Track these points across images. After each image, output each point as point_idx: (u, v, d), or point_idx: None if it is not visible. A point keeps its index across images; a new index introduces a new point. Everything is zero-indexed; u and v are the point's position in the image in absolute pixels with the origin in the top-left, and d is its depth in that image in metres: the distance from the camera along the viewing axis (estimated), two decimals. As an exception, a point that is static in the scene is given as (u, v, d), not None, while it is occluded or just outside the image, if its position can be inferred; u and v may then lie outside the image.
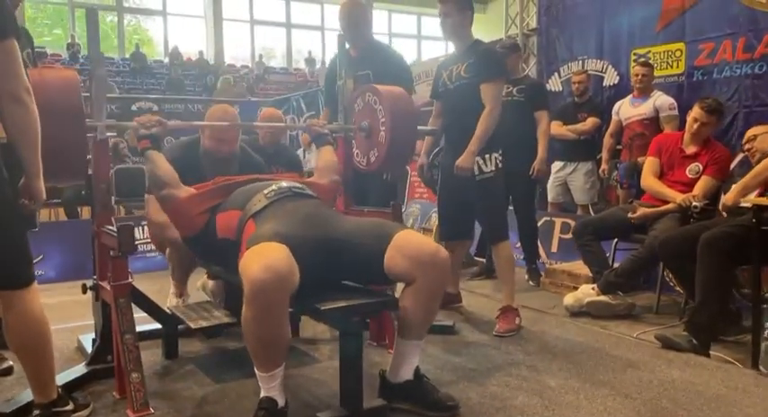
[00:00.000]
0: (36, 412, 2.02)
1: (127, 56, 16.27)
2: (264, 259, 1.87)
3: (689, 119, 3.70)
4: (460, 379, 2.51)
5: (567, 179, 5.34)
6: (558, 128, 5.06)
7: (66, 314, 3.48)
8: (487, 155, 3.20)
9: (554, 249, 4.91)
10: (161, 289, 3.67)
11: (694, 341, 2.83)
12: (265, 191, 2.33)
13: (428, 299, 2.10)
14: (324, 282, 2.18)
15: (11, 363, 2.60)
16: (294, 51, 19.69)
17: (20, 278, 1.93)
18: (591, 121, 5.19)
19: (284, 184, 2.40)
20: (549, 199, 5.44)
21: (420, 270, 2.03)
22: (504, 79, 3.22)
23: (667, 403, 2.28)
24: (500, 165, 3.25)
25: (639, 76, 4.74)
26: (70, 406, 2.12)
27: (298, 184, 2.47)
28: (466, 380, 2.52)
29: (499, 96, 3.19)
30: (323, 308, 2.04)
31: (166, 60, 16.45)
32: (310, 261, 2.03)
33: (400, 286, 2.17)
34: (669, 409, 2.22)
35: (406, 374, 2.19)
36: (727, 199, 3.15)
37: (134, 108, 8.91)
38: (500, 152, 3.26)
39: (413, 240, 2.10)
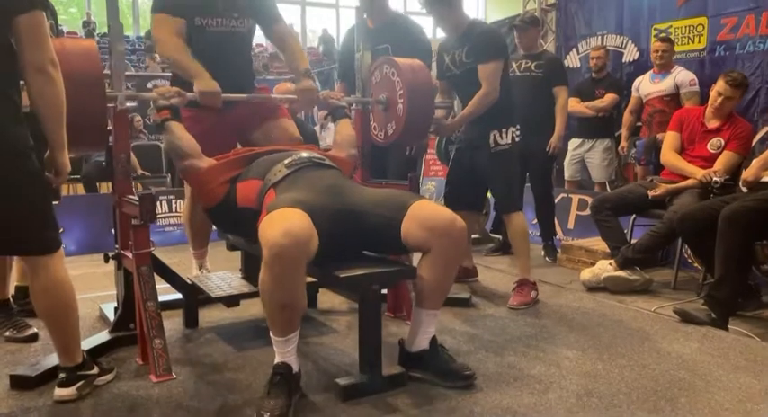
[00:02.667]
0: (62, 375, 2.07)
1: (142, 34, 16.24)
2: (284, 224, 1.89)
3: (712, 92, 3.65)
4: (478, 350, 2.53)
5: (584, 156, 5.31)
6: (575, 105, 5.02)
7: (86, 286, 3.53)
8: (504, 129, 3.19)
9: (570, 226, 4.89)
10: (179, 262, 3.72)
11: (713, 314, 2.82)
12: (285, 161, 2.34)
13: (444, 268, 2.11)
14: (342, 251, 2.19)
15: (35, 330, 2.65)
16: (308, 30, 19.53)
17: (47, 244, 1.96)
18: (609, 98, 5.14)
19: (304, 154, 2.41)
20: (566, 176, 5.41)
21: (436, 240, 2.04)
22: (501, 60, 3.17)
23: (685, 373, 2.28)
24: (516, 140, 3.23)
25: (659, 52, 4.68)
26: (95, 370, 2.17)
27: (317, 155, 2.47)
28: (483, 350, 2.53)
29: (495, 78, 3.13)
30: (342, 275, 2.06)
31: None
32: (329, 229, 2.04)
33: (417, 256, 2.18)
34: (687, 379, 2.22)
35: (423, 343, 2.21)
36: (747, 174, 3.13)
37: (149, 86, 8.96)
38: (517, 127, 3.25)
39: (429, 210, 2.11)
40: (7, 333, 2.57)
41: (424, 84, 3.02)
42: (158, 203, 4.85)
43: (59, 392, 2.06)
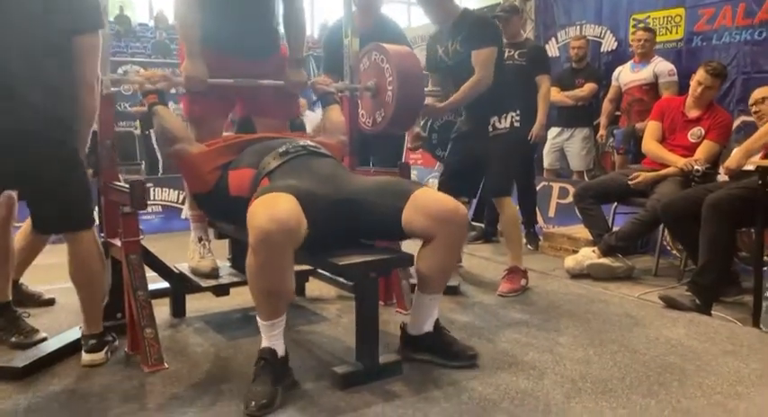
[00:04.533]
0: (92, 341, 2.25)
1: (111, 19, 15.88)
2: (271, 209, 1.88)
3: (692, 82, 3.70)
4: (470, 337, 2.54)
5: (563, 145, 5.35)
6: (555, 94, 5.04)
7: (66, 275, 3.45)
8: (504, 115, 3.20)
9: (551, 214, 4.94)
10: (161, 251, 3.63)
11: (697, 300, 2.88)
12: (280, 150, 2.30)
13: (448, 255, 2.12)
14: (338, 239, 2.18)
15: (45, 334, 2.52)
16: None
17: (88, 218, 2.18)
18: (588, 87, 5.19)
19: (299, 142, 2.37)
20: (545, 165, 5.45)
21: (440, 227, 2.04)
22: (495, 47, 3.16)
23: (675, 358, 2.32)
24: (516, 125, 3.22)
25: (642, 42, 4.72)
26: (111, 338, 2.35)
27: (311, 142, 2.44)
28: (476, 337, 2.54)
29: (489, 64, 3.12)
30: (341, 263, 2.05)
31: (151, 23, 16.06)
32: (324, 217, 2.03)
33: (408, 242, 2.18)
34: (677, 364, 2.26)
35: (427, 326, 2.24)
36: (730, 162, 3.18)
37: (120, 71, 8.76)
38: (517, 112, 3.24)
39: (432, 197, 2.11)
40: (13, 339, 2.45)
41: (414, 70, 2.99)
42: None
43: (91, 357, 2.24)
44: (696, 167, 3.47)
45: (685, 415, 1.89)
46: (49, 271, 3.46)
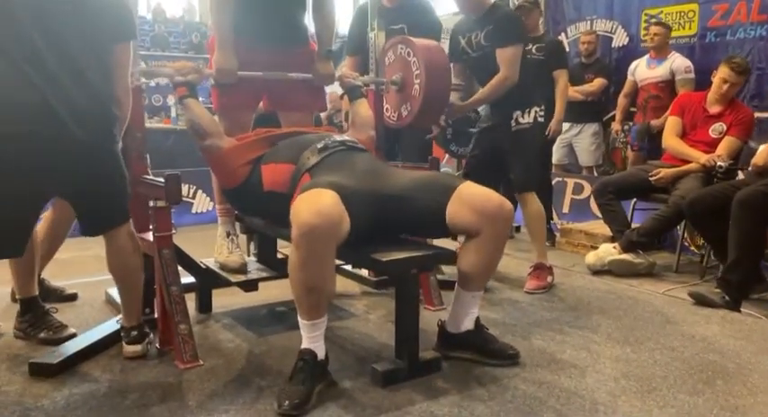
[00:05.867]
0: (134, 333, 2.27)
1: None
2: (315, 204, 1.86)
3: (716, 79, 3.67)
4: (503, 334, 2.51)
5: (572, 140, 5.33)
6: (565, 89, 5.01)
7: (80, 269, 3.44)
8: (527, 109, 3.17)
9: (566, 210, 4.92)
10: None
11: (727, 297, 2.86)
12: (318, 145, 2.26)
13: (493, 251, 2.10)
14: (379, 235, 2.15)
15: (73, 330, 2.47)
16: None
17: (127, 215, 2.20)
18: (598, 82, 5.16)
19: (336, 138, 2.34)
20: (554, 160, 5.41)
21: (487, 223, 2.02)
22: (521, 45, 3.13)
23: (714, 356, 2.31)
24: (539, 119, 3.20)
25: (652, 36, 4.69)
26: (148, 331, 2.35)
27: (348, 138, 2.41)
28: (509, 335, 2.52)
29: (515, 63, 3.09)
30: (384, 260, 2.02)
31: (149, 17, 15.92)
32: (365, 213, 2.00)
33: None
34: (718, 362, 2.25)
35: (468, 324, 2.21)
36: (758, 158, 3.16)
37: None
38: (542, 107, 3.22)
39: (477, 192, 2.07)
40: (42, 335, 2.42)
41: (442, 63, 2.96)
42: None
43: (131, 348, 2.25)
44: (720, 163, 3.46)
45: (734, 414, 1.88)
46: (67, 266, 3.44)
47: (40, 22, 1.90)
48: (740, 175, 3.67)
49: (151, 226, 2.31)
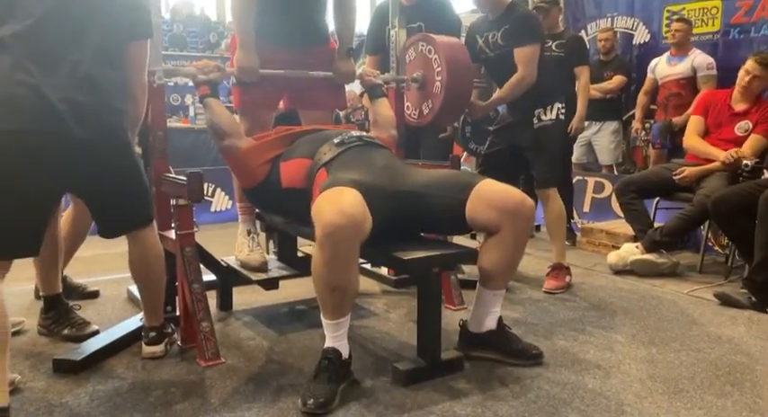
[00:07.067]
0: (152, 333, 2.26)
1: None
2: (338, 203, 1.84)
3: (740, 72, 3.61)
4: (526, 334, 2.48)
5: (591, 139, 5.28)
6: (584, 87, 4.96)
7: (103, 267, 3.46)
8: (549, 106, 3.15)
9: (586, 209, 4.87)
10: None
11: (753, 298, 2.82)
12: (335, 140, 2.25)
13: (515, 248, 2.07)
14: (398, 233, 2.13)
15: (96, 327, 2.49)
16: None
17: (151, 217, 2.19)
18: (617, 79, 5.11)
19: (354, 133, 2.33)
20: (573, 159, 5.36)
21: (507, 220, 2.00)
22: (539, 44, 3.09)
23: (742, 357, 2.27)
24: (561, 117, 3.18)
25: (674, 32, 4.63)
26: (170, 330, 2.34)
27: (366, 134, 2.40)
28: (531, 335, 2.49)
29: (532, 62, 3.06)
30: (406, 258, 2.00)
31: (167, 16, 16.02)
32: (384, 211, 1.99)
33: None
34: (746, 364, 2.21)
35: (490, 324, 2.19)
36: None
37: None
38: (563, 104, 3.20)
39: (497, 189, 2.05)
40: (66, 332, 2.43)
41: (463, 61, 2.94)
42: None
43: (151, 349, 2.24)
44: (745, 161, 3.40)
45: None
46: (89, 263, 3.46)
47: (57, 16, 1.90)
48: (766, 174, 3.61)
49: (173, 224, 2.32)
